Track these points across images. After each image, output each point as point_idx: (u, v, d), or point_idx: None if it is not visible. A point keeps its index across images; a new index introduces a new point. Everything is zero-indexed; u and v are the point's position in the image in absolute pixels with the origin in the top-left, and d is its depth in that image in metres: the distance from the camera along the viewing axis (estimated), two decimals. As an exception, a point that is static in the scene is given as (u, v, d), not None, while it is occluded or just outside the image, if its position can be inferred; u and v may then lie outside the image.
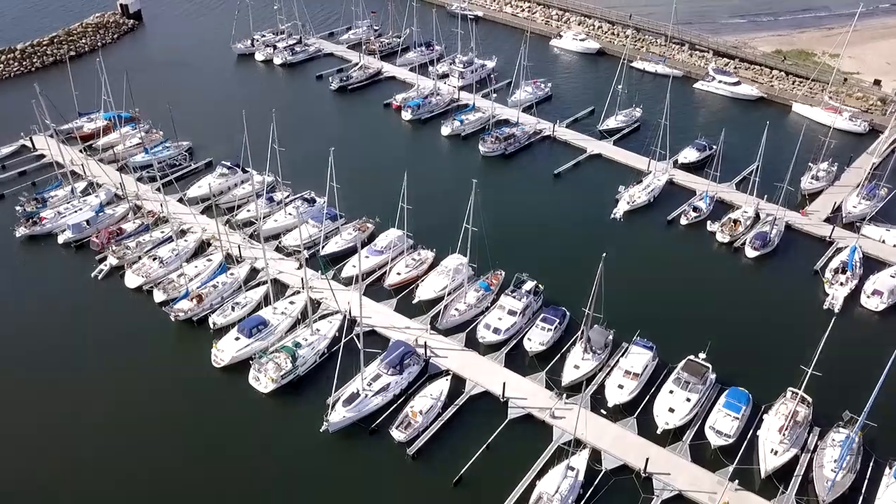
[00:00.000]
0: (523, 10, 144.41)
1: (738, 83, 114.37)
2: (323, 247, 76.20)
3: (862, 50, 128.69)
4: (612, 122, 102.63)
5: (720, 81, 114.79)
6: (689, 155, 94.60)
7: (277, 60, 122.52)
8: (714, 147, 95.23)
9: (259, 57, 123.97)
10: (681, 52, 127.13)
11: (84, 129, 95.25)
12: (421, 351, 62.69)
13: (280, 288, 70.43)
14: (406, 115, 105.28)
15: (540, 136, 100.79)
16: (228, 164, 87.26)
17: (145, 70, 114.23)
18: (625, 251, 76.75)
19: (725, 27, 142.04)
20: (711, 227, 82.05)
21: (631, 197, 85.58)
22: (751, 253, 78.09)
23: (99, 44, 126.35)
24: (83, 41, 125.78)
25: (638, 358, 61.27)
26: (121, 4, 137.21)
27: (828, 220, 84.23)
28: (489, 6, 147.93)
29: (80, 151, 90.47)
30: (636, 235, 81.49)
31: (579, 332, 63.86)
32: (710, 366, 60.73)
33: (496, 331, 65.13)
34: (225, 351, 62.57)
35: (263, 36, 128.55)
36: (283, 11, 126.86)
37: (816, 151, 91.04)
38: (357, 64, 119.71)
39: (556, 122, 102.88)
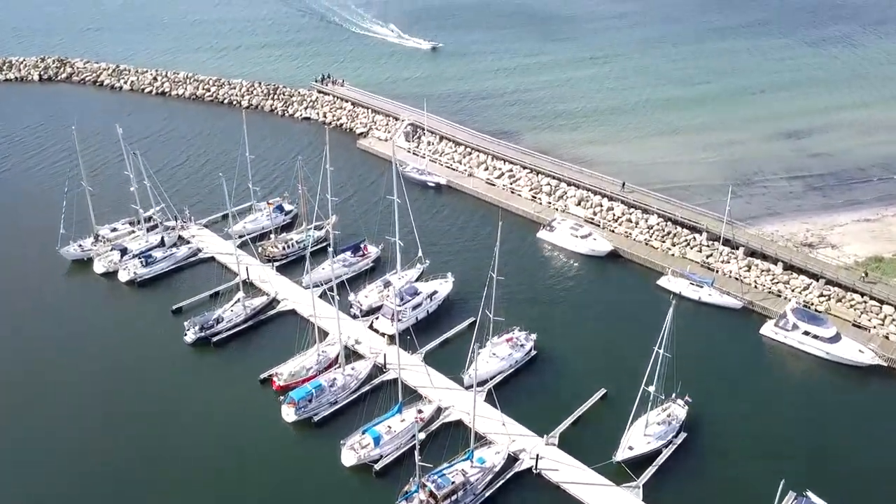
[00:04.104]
0: (502, 175, 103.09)
1: (836, 337, 71.41)
2: None
3: None
4: (637, 440, 59.12)
5: (806, 333, 71.64)
6: (789, 547, 51.06)
7: (123, 277, 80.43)
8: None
9: (98, 267, 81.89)
10: (731, 258, 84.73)
11: None
12: None
13: None
14: (288, 413, 62.26)
15: (513, 472, 57.43)
16: None
17: None
18: None
19: (786, 202, 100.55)
20: None
21: None
22: None
23: None
24: None
25: None
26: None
27: None
28: (456, 167, 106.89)
29: None
30: None
31: None
32: None
33: None
34: None
35: (114, 230, 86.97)
36: (136, 198, 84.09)
37: None
38: (241, 283, 77.38)
39: (544, 438, 59.93)
